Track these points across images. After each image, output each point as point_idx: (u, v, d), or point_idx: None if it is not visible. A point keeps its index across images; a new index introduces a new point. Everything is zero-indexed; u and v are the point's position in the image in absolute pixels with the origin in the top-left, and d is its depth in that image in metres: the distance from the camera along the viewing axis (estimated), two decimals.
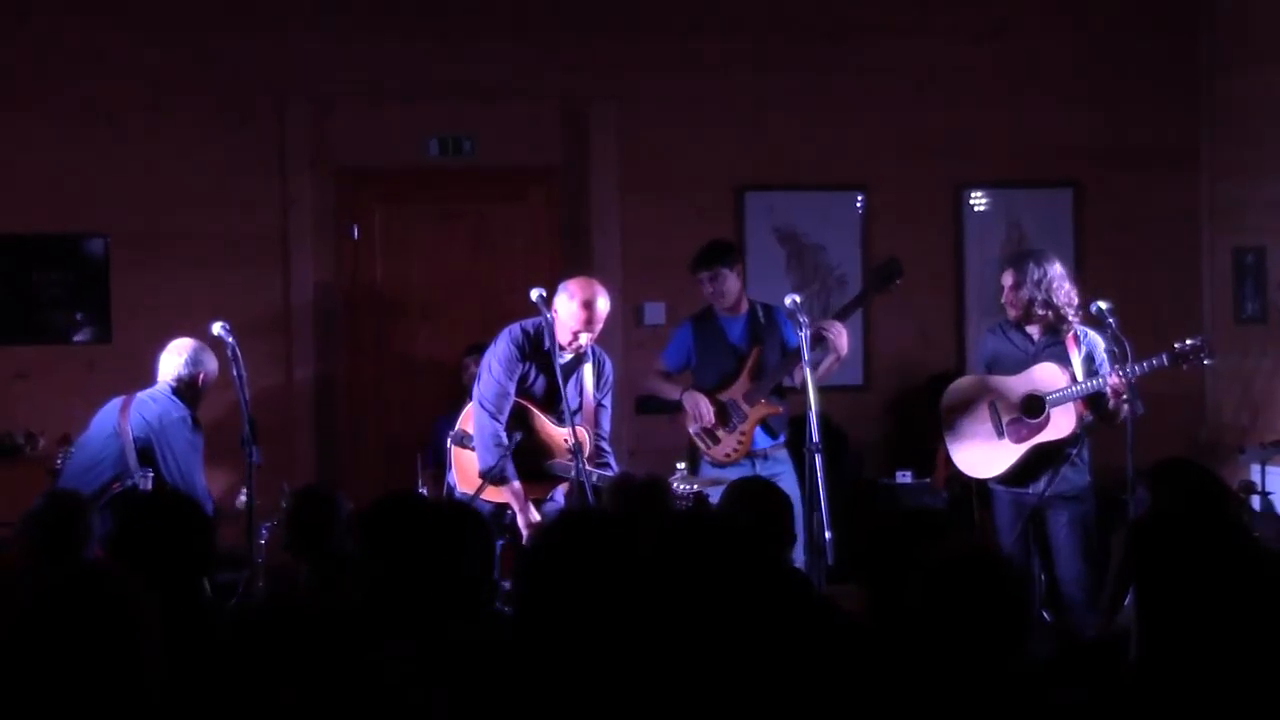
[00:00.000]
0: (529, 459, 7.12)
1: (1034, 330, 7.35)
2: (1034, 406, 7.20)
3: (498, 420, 7.07)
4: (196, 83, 9.04)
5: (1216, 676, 3.29)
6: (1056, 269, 7.36)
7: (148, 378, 7.48)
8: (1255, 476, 8.44)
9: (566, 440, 6.92)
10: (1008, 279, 7.41)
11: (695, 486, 7.08)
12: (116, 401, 7.36)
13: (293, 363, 9.19)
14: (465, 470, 7.26)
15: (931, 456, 8.91)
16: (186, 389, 7.36)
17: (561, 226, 9.47)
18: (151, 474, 7.12)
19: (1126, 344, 7.01)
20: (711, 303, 7.86)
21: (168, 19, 9.02)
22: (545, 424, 7.15)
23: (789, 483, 7.34)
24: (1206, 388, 9.75)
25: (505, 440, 7.02)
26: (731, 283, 7.77)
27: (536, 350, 7.12)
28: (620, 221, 9.43)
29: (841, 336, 7.49)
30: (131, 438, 7.17)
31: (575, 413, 6.95)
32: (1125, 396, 6.94)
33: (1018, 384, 7.28)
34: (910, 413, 9.54)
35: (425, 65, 9.21)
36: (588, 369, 7.22)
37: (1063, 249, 9.46)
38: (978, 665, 3.47)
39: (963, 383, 7.60)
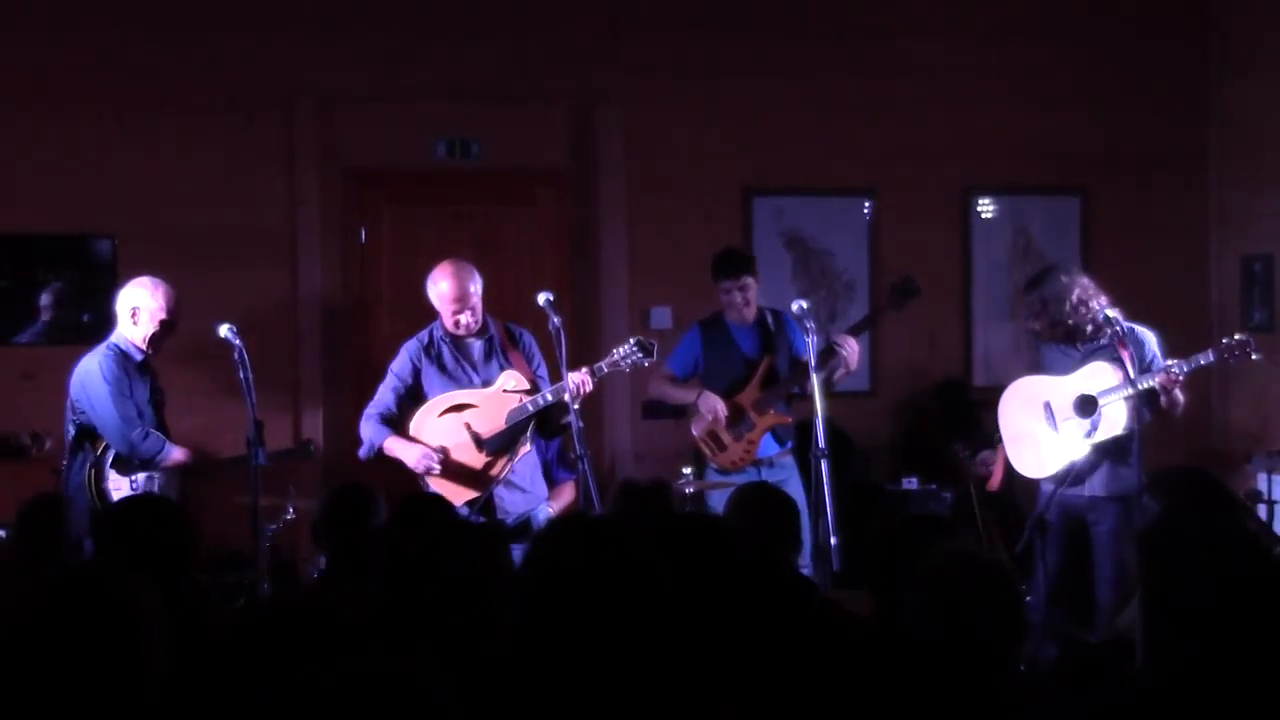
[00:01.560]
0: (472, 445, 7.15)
1: (1075, 338, 7.34)
2: (1088, 405, 7.18)
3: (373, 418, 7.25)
4: (204, 84, 9.04)
5: (1223, 684, 3.28)
6: (1060, 286, 7.31)
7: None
8: (1262, 485, 8.45)
9: (505, 388, 7.05)
10: (1024, 310, 7.52)
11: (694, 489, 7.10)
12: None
13: (300, 364, 9.19)
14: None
15: (942, 461, 8.91)
16: (128, 330, 7.27)
17: (568, 229, 9.47)
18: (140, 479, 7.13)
19: (1133, 350, 7.03)
20: (728, 310, 7.83)
21: (175, 20, 9.03)
22: (474, 396, 7.16)
23: (794, 489, 7.34)
24: (1214, 396, 9.73)
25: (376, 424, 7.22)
26: (755, 292, 7.79)
27: (430, 349, 7.27)
28: (627, 225, 9.43)
29: (854, 353, 7.50)
30: (72, 405, 7.22)
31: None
32: (1176, 391, 6.97)
33: (1071, 383, 7.27)
34: (917, 418, 9.54)
35: (433, 67, 9.22)
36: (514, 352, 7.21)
37: (1070, 256, 9.47)
38: (974, 668, 3.47)
39: (1019, 383, 7.57)
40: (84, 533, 5.56)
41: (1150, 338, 7.24)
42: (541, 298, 7.02)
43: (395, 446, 7.19)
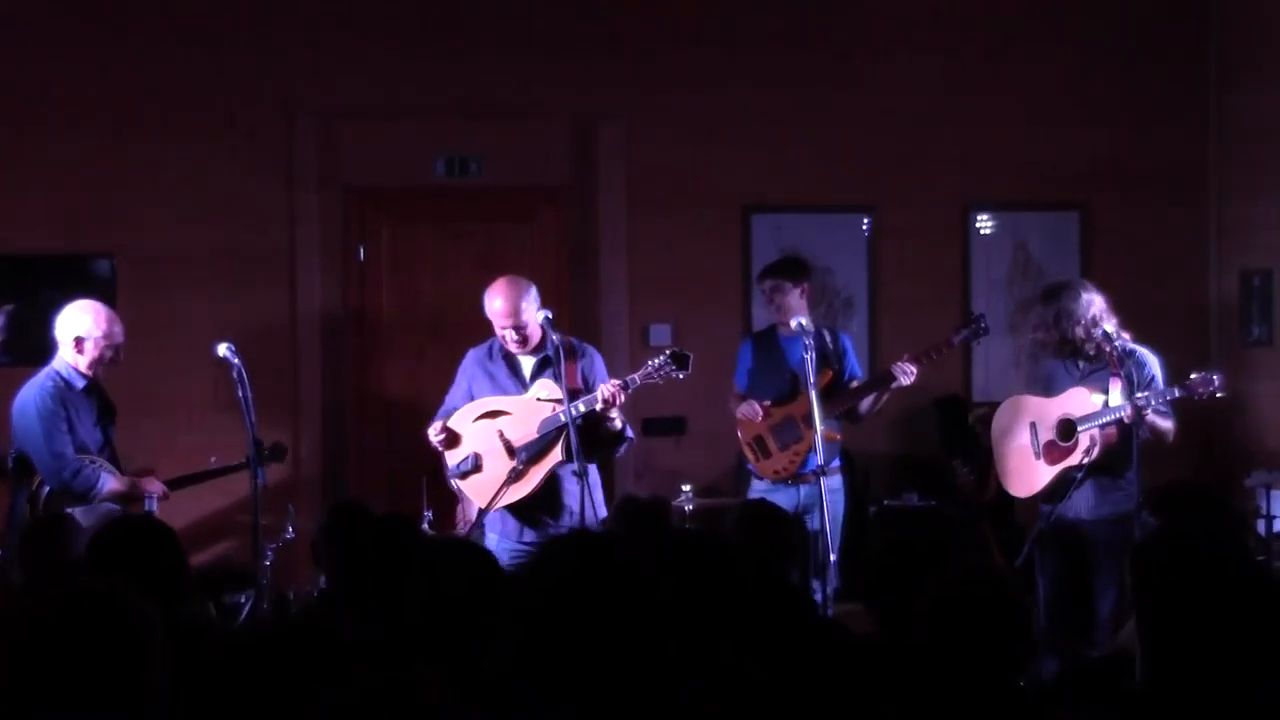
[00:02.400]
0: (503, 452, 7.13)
1: (1078, 357, 7.33)
2: (1067, 430, 7.19)
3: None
4: (204, 101, 9.06)
5: (1222, 699, 3.28)
6: (1078, 303, 7.30)
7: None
8: (1260, 501, 8.43)
9: (539, 397, 7.00)
10: (1032, 320, 7.46)
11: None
12: None
13: (299, 382, 9.19)
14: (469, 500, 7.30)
15: (940, 476, 8.91)
16: (70, 357, 7.13)
17: (569, 246, 9.48)
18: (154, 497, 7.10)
19: (1129, 372, 7.04)
20: (773, 319, 7.82)
21: (175, 37, 9.05)
22: (510, 403, 7.14)
23: (838, 508, 7.42)
24: (1214, 411, 9.72)
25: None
26: (792, 299, 7.70)
27: (488, 359, 7.25)
28: (627, 241, 9.44)
29: (911, 377, 7.50)
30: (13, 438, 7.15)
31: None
32: (1141, 423, 6.95)
33: (1055, 406, 7.28)
34: (917, 434, 9.54)
35: (433, 84, 9.23)
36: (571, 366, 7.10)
37: (1069, 271, 9.47)
38: (981, 684, 3.48)
39: (1009, 402, 7.57)
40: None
41: (1152, 361, 7.22)
42: (541, 315, 7.03)
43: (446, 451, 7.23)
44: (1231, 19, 9.70)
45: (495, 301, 7.09)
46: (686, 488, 8.10)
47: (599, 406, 6.83)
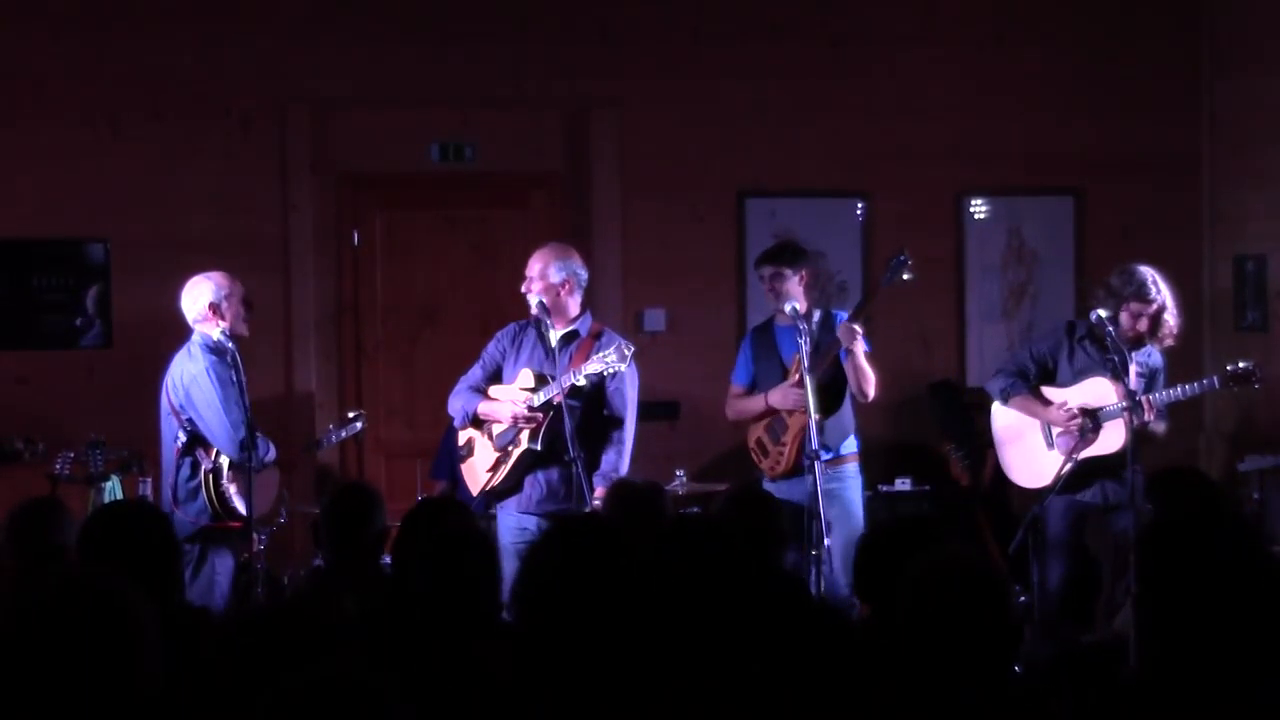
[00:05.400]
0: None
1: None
2: (1088, 422, 7.19)
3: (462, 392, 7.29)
4: (197, 88, 9.04)
5: (1219, 683, 3.29)
6: (1154, 293, 7.32)
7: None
8: (1254, 486, 8.43)
9: (521, 385, 7.07)
10: (1152, 307, 7.36)
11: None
12: (166, 378, 7.21)
13: (293, 369, 9.19)
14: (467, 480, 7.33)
15: (935, 462, 8.91)
16: (216, 325, 7.10)
17: (563, 232, 9.46)
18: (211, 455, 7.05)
19: (1127, 353, 7.05)
20: (773, 306, 7.74)
21: (169, 25, 9.03)
22: (499, 390, 7.20)
23: (850, 495, 7.45)
24: (1207, 397, 9.73)
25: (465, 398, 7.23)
26: (790, 285, 7.57)
27: (520, 332, 7.32)
28: (621, 227, 9.43)
29: (854, 336, 7.38)
30: (177, 412, 7.07)
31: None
32: (1150, 419, 6.96)
33: (1070, 397, 7.27)
34: (911, 420, 9.54)
35: (426, 71, 9.22)
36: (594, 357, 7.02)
37: (1063, 257, 9.50)
38: (965, 670, 3.48)
39: (1019, 399, 7.54)
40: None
41: (1159, 359, 7.25)
42: (534, 301, 7.04)
43: (486, 408, 7.18)
44: (1225, 6, 9.69)
45: (532, 263, 7.24)
46: (680, 472, 8.11)
47: (558, 397, 6.84)
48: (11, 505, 5.67)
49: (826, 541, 6.56)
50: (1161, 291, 7.37)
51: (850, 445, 7.62)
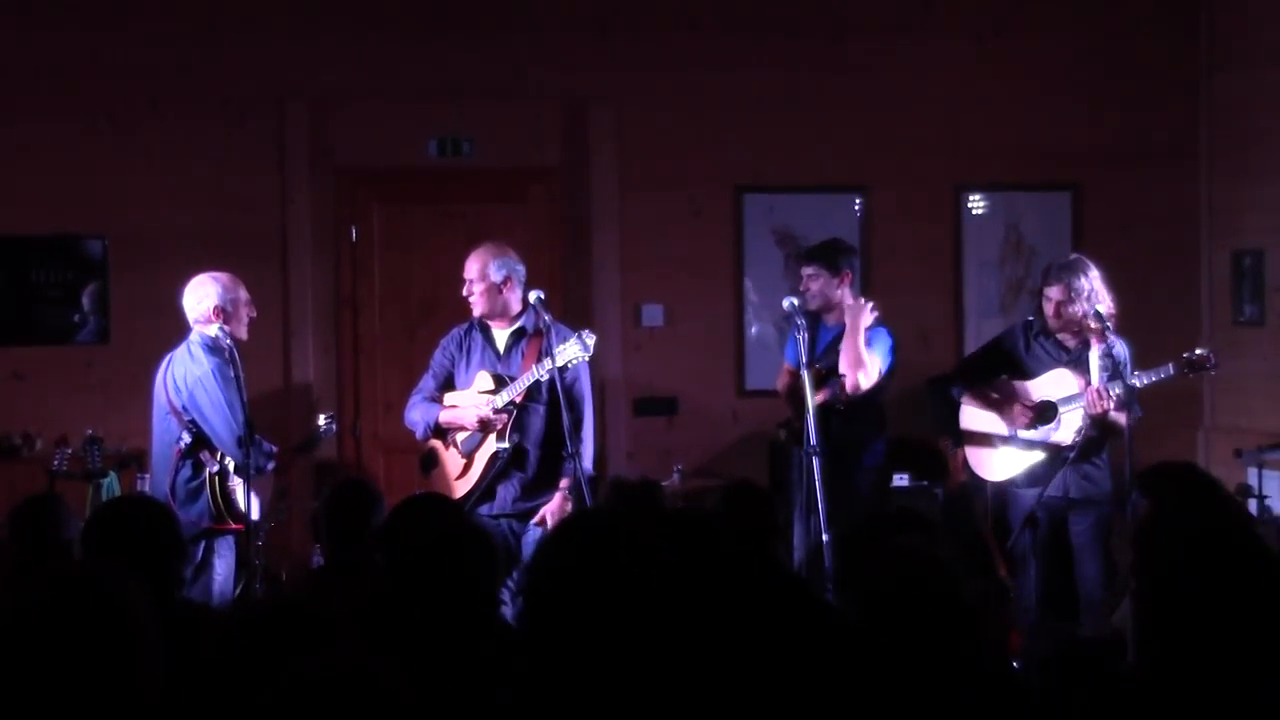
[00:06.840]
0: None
1: (1067, 338, 7.30)
2: (1047, 413, 7.20)
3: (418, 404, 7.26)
4: (195, 83, 9.03)
5: (1217, 678, 3.29)
6: (1097, 277, 7.28)
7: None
8: (1252, 480, 8.44)
9: (480, 389, 7.03)
10: (1055, 293, 7.25)
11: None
12: (159, 373, 7.16)
13: (291, 363, 9.19)
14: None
15: (934, 457, 8.90)
16: (217, 324, 7.06)
17: (560, 227, 9.47)
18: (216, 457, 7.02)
19: (1125, 348, 7.07)
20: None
21: (166, 19, 9.02)
22: (457, 397, 7.18)
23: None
24: (1203, 390, 9.75)
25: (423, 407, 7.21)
26: (823, 284, 7.54)
27: (464, 337, 7.29)
28: (619, 221, 9.43)
29: (857, 311, 7.40)
30: (179, 412, 7.03)
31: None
32: (1110, 410, 6.96)
33: (1032, 389, 7.28)
34: (908, 415, 9.53)
35: (424, 65, 9.21)
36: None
37: (1061, 251, 9.47)
38: (919, 663, 3.55)
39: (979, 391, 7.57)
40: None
41: (1125, 352, 7.23)
42: (533, 295, 7.03)
43: (448, 416, 7.14)
44: (1222, 0, 9.70)
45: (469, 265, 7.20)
46: (678, 467, 8.11)
47: (518, 398, 6.86)
48: (10, 501, 5.67)
49: (825, 537, 6.57)
50: (1064, 280, 7.27)
51: (876, 441, 7.64)
